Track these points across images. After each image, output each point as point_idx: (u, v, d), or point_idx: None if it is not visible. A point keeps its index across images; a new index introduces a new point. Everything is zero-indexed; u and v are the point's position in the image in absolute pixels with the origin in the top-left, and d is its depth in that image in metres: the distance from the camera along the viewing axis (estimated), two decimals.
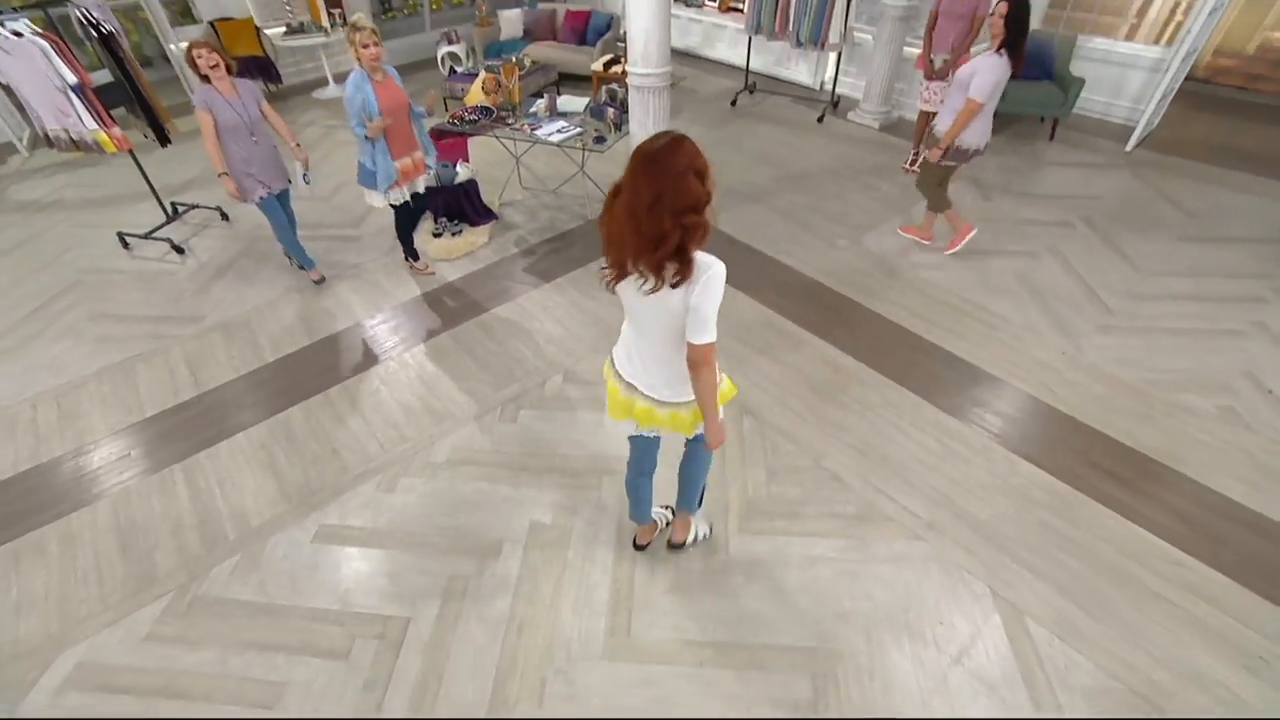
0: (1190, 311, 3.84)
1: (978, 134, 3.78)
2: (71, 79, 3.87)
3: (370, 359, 3.68)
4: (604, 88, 4.88)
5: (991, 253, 4.41)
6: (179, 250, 4.69)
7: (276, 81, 7.34)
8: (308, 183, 4.03)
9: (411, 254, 4.31)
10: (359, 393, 3.45)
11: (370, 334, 3.88)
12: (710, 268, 1.56)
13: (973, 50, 4.70)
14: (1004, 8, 3.46)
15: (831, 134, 6.17)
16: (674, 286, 1.55)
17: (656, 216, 1.46)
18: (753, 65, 7.01)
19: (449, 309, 4.05)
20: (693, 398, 1.81)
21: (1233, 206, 4.87)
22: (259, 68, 7.09)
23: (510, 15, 7.64)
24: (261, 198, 3.77)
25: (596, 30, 7.46)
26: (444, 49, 7.57)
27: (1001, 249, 4.45)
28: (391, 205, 3.88)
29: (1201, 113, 6.40)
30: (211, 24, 6.94)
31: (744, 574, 2.54)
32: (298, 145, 3.89)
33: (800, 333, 3.76)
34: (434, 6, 8.87)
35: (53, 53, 3.80)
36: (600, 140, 4.37)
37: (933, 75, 4.90)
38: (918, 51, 6.02)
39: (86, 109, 4.00)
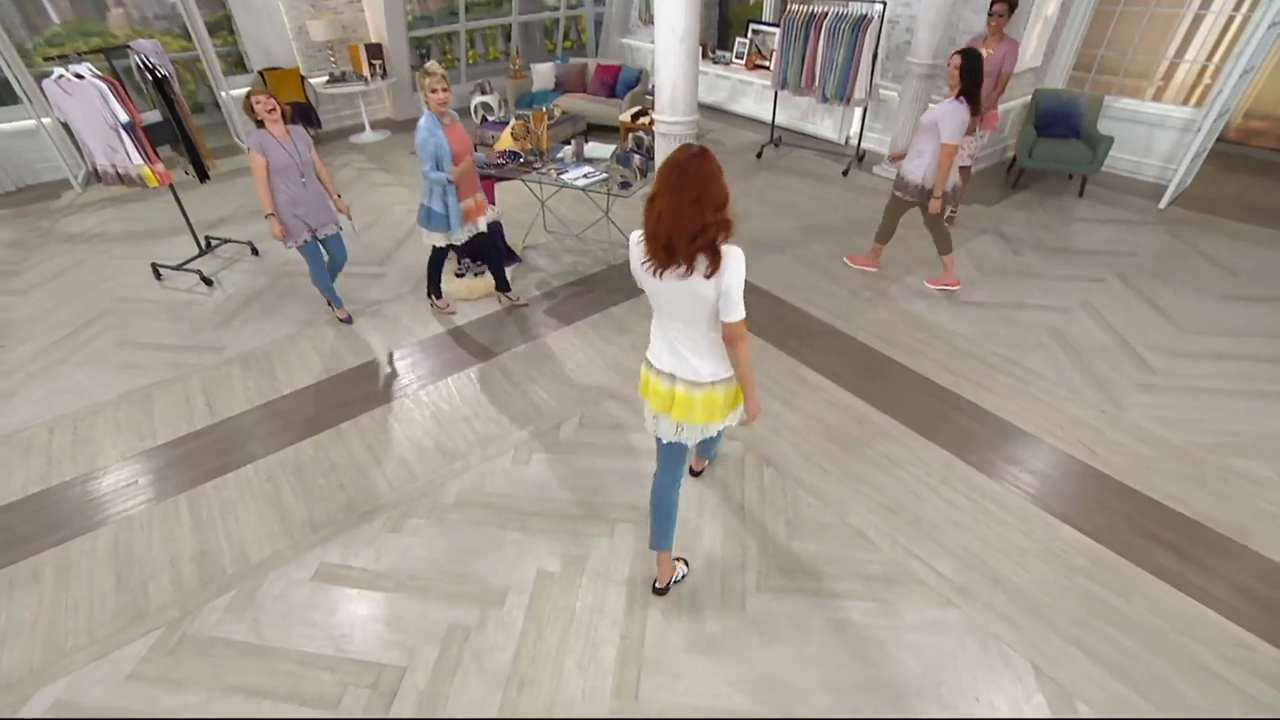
0: (1237, 371, 3.66)
1: (954, 173, 4.12)
2: (124, 117, 4.04)
3: (385, 395, 3.64)
4: (631, 135, 4.96)
5: (1023, 306, 4.30)
6: (208, 282, 4.78)
7: (316, 126, 7.64)
8: (355, 230, 4.11)
9: (436, 291, 4.33)
10: (371, 429, 3.40)
11: (387, 370, 3.85)
12: (734, 256, 1.79)
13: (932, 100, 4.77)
14: (958, 60, 3.74)
15: (857, 187, 6.18)
16: (706, 278, 1.78)
17: (698, 213, 1.71)
18: (778, 120, 7.13)
19: (468, 348, 4.02)
20: (726, 375, 2.05)
21: (1275, 266, 4.71)
22: (301, 113, 7.39)
23: (542, 69, 7.94)
24: (306, 241, 3.81)
25: (626, 84, 7.69)
26: (477, 99, 7.85)
27: (1032, 303, 4.33)
28: (452, 245, 3.96)
29: (1234, 173, 6.31)
30: (260, 73, 7.30)
31: (762, 634, 2.37)
32: (339, 196, 3.99)
33: (824, 383, 3.65)
34: (470, 60, 9.27)
35: (110, 94, 3.98)
36: (625, 185, 4.41)
37: None
38: None
39: (135, 146, 4.16)
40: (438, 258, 4.14)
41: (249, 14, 7.33)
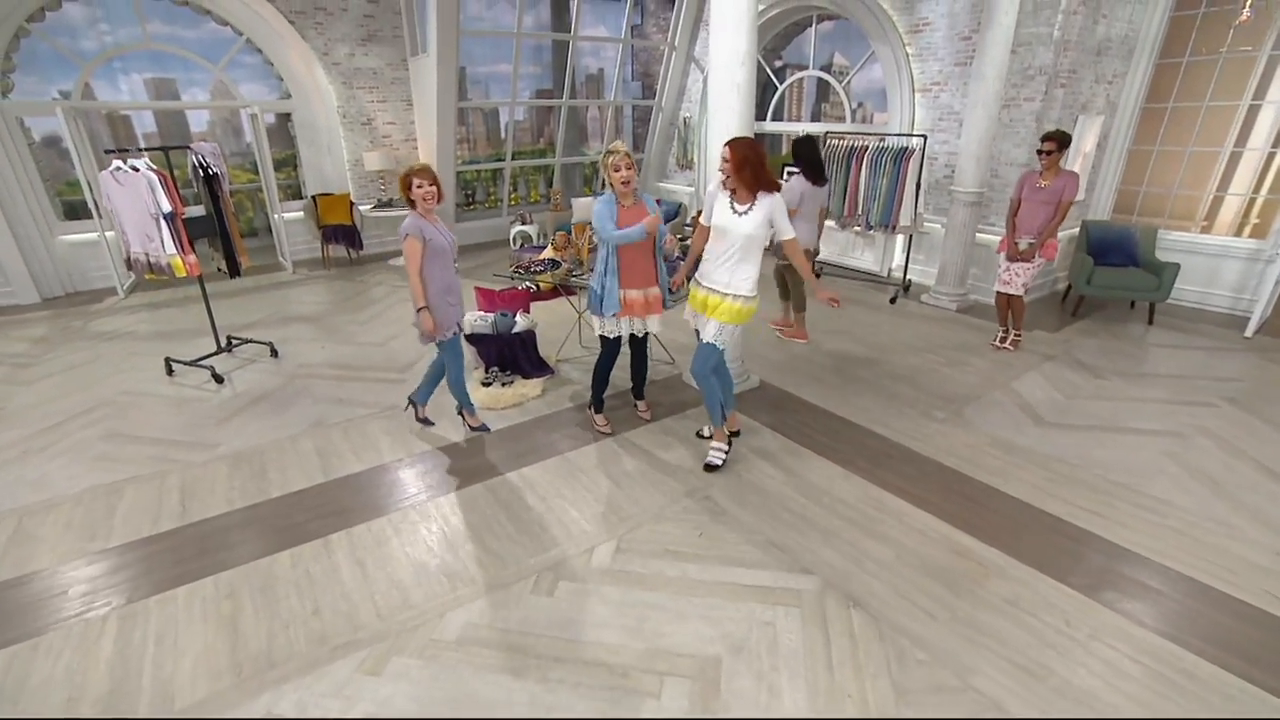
0: None
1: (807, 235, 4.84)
2: (166, 208, 4.00)
3: (387, 505, 3.11)
4: (673, 237, 4.82)
5: (1122, 430, 3.73)
6: (218, 379, 4.47)
7: (358, 248, 7.84)
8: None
9: (597, 404, 3.81)
10: (365, 542, 2.82)
11: (393, 477, 3.35)
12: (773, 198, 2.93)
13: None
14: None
15: (906, 314, 5.91)
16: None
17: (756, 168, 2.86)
18: (819, 254, 7.10)
19: (488, 459, 3.53)
20: (741, 291, 3.10)
21: None
22: (345, 235, 7.62)
23: (582, 202, 8.22)
24: (455, 333, 3.45)
25: (666, 216, 7.85)
26: (517, 228, 8.06)
27: (1132, 427, 3.77)
28: (602, 337, 3.55)
29: None
30: (313, 197, 7.64)
31: None
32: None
33: (909, 509, 3.04)
34: (512, 202, 9.74)
35: (158, 184, 3.97)
36: (673, 291, 4.14)
37: (1016, 257, 4.70)
38: (989, 236, 6.01)
39: (171, 235, 4.08)
40: (605, 359, 3.62)
41: (314, 149, 7.85)
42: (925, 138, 5.84)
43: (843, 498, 3.13)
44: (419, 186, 3.25)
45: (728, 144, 2.99)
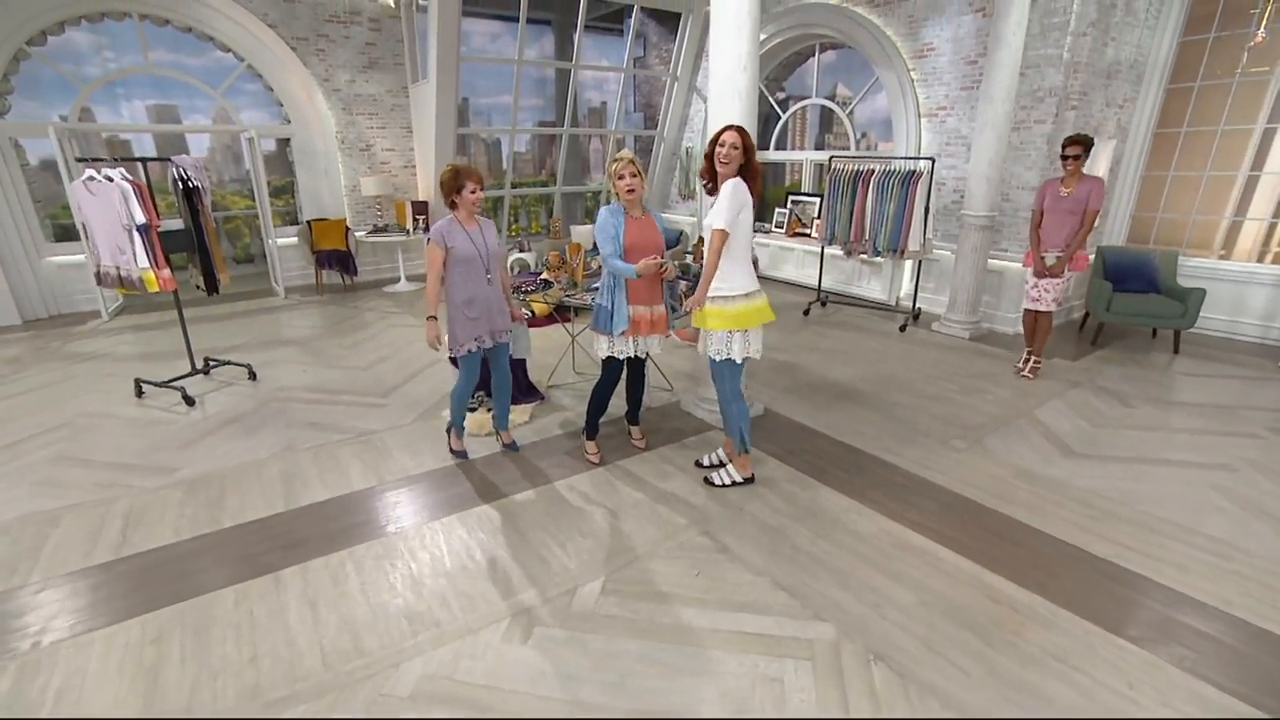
0: None
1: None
2: (140, 219, 3.81)
3: (350, 537, 2.80)
4: (675, 262, 4.60)
5: (1161, 462, 3.42)
6: (189, 401, 4.21)
7: (353, 274, 7.66)
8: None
9: (590, 430, 3.50)
10: (320, 579, 2.51)
11: (360, 507, 3.05)
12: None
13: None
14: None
15: (918, 342, 5.64)
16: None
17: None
18: (823, 282, 6.90)
19: (466, 488, 3.23)
20: (719, 290, 2.92)
21: None
22: (339, 260, 7.46)
23: (582, 229, 8.08)
24: (470, 351, 3.15)
25: (666, 243, 7.69)
26: (514, 255, 7.89)
27: (1172, 458, 3.45)
28: (609, 359, 3.24)
29: None
30: (308, 223, 7.51)
31: None
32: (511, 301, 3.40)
33: (933, 548, 2.71)
34: (513, 232, 9.63)
35: (132, 195, 3.79)
36: (672, 310, 3.89)
37: (1045, 272, 4.45)
38: (1001, 262, 5.79)
39: (144, 248, 3.88)
40: (606, 383, 3.33)
41: (311, 174, 7.77)
42: (934, 160, 5.67)
43: (858, 534, 2.80)
44: (473, 191, 3.00)
45: (735, 129, 2.79)
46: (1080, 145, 4.19)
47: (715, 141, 2.81)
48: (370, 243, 7.72)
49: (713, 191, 2.93)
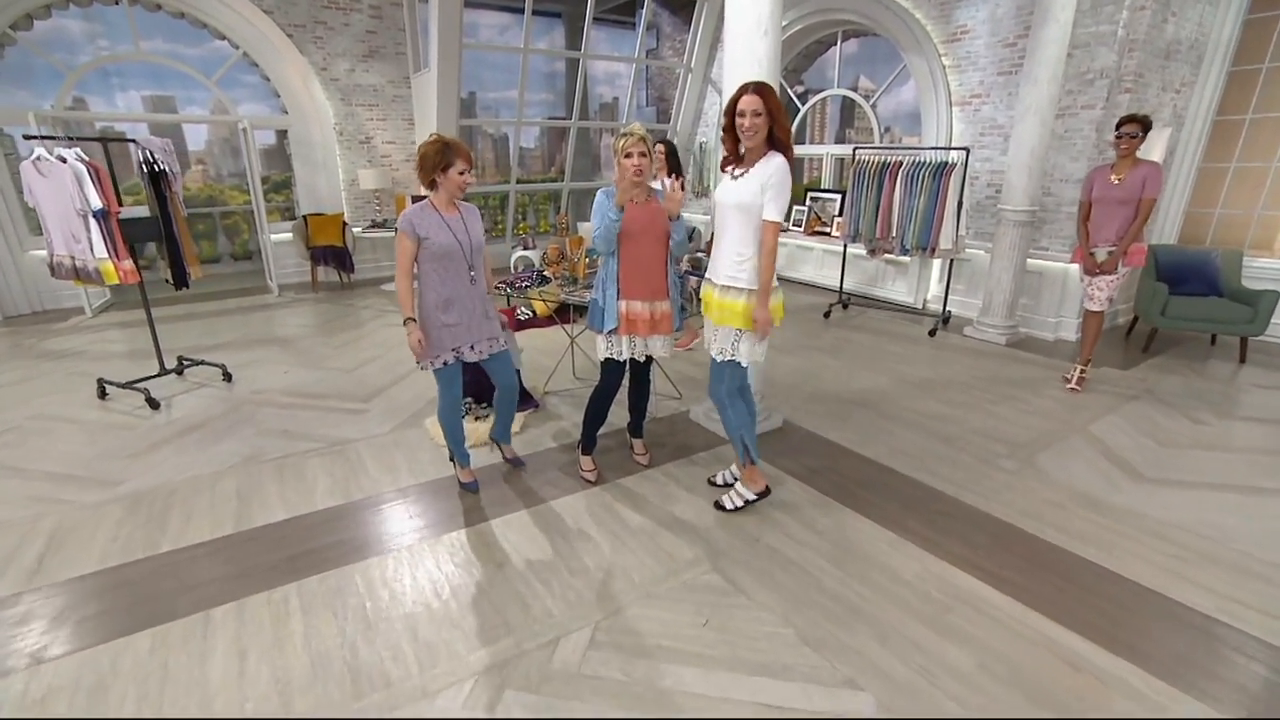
0: None
1: None
2: (96, 204, 3.47)
3: (301, 566, 2.41)
4: (686, 258, 4.20)
5: (1248, 490, 2.94)
6: (153, 404, 3.86)
7: (350, 271, 7.34)
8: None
9: (586, 444, 3.07)
10: (258, 621, 2.12)
11: (321, 530, 2.66)
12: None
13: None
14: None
15: (949, 347, 5.18)
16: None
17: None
18: (845, 283, 6.45)
19: (443, 510, 2.83)
20: (744, 282, 2.46)
21: None
22: (335, 257, 7.13)
23: (589, 226, 7.68)
24: (446, 363, 2.66)
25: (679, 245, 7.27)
26: (519, 253, 7.52)
27: (1265, 486, 2.97)
28: (607, 360, 2.83)
29: None
30: (304, 217, 7.19)
31: None
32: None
33: (985, 592, 2.27)
34: (520, 230, 9.26)
35: (86, 178, 3.46)
36: (681, 310, 3.48)
37: (1095, 269, 3.98)
38: (1041, 262, 5.31)
39: (103, 237, 3.53)
40: (602, 389, 2.90)
41: (309, 167, 7.45)
42: (968, 151, 5.21)
43: (896, 574, 2.36)
44: (461, 172, 2.49)
45: (754, 90, 2.31)
46: (1138, 124, 3.72)
47: (733, 110, 2.36)
48: (368, 238, 7.39)
49: (732, 163, 2.49)
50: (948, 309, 5.80)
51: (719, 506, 2.76)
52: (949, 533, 2.61)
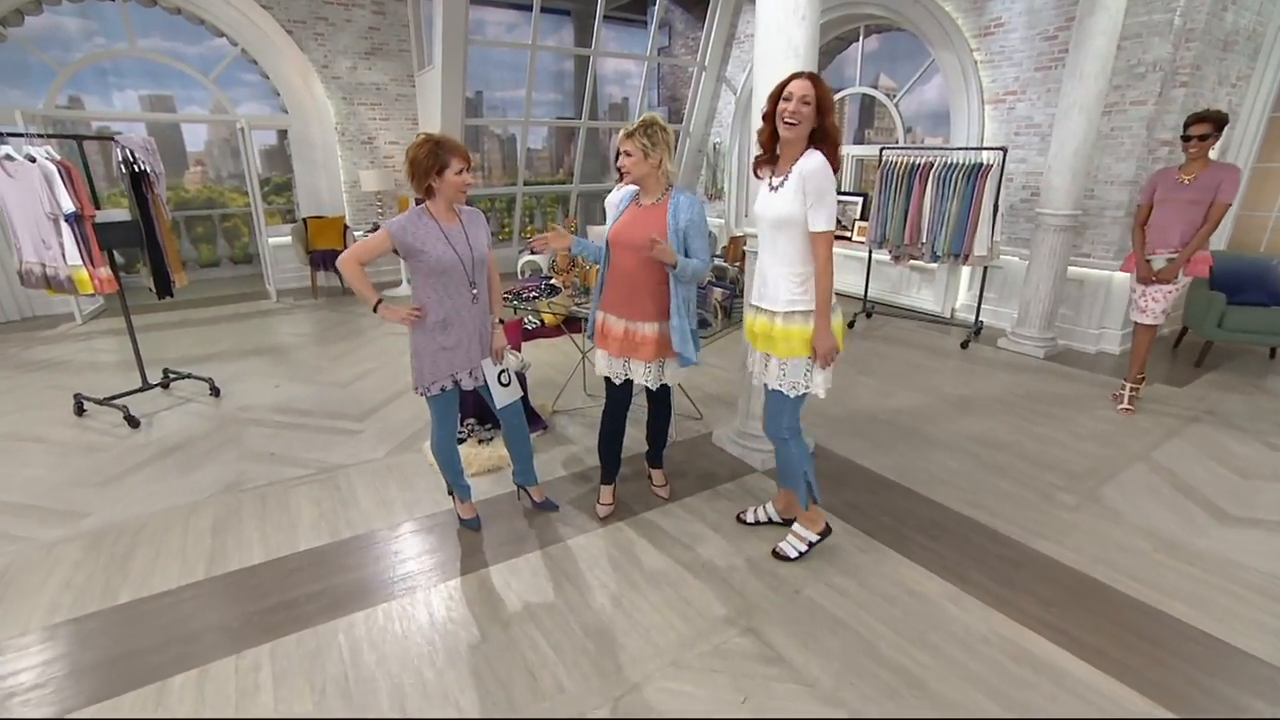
0: None
1: None
2: (69, 207, 3.19)
3: (277, 622, 2.11)
4: (710, 271, 3.88)
5: None
6: (132, 422, 3.59)
7: None
8: (504, 384, 2.49)
9: (607, 474, 2.75)
10: (222, 692, 1.82)
11: (301, 576, 2.36)
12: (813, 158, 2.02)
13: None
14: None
15: (983, 361, 4.84)
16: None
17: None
18: (869, 291, 6.12)
19: (441, 554, 2.53)
20: (797, 304, 2.12)
21: None
22: (336, 261, 6.85)
23: (599, 229, 7.38)
24: (443, 389, 2.36)
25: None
26: (525, 258, 7.22)
27: None
28: (605, 377, 2.55)
29: None
30: (304, 220, 6.93)
31: None
32: (500, 322, 2.49)
33: (1069, 662, 1.94)
34: (527, 234, 8.98)
35: (56, 178, 3.18)
36: (703, 325, 3.17)
37: (1151, 278, 3.65)
38: (1082, 270, 4.97)
39: (76, 243, 3.26)
40: (606, 413, 2.60)
41: (309, 168, 7.19)
42: (1005, 151, 4.88)
43: (960, 637, 2.04)
44: (459, 172, 2.16)
45: (807, 76, 2.00)
46: (1210, 123, 3.38)
47: (778, 95, 2.03)
48: None
49: (765, 162, 2.18)
50: (980, 319, 5.46)
51: (779, 555, 2.41)
52: (1015, 585, 2.29)
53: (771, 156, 2.15)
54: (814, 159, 2.01)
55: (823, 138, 2.02)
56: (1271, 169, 5.11)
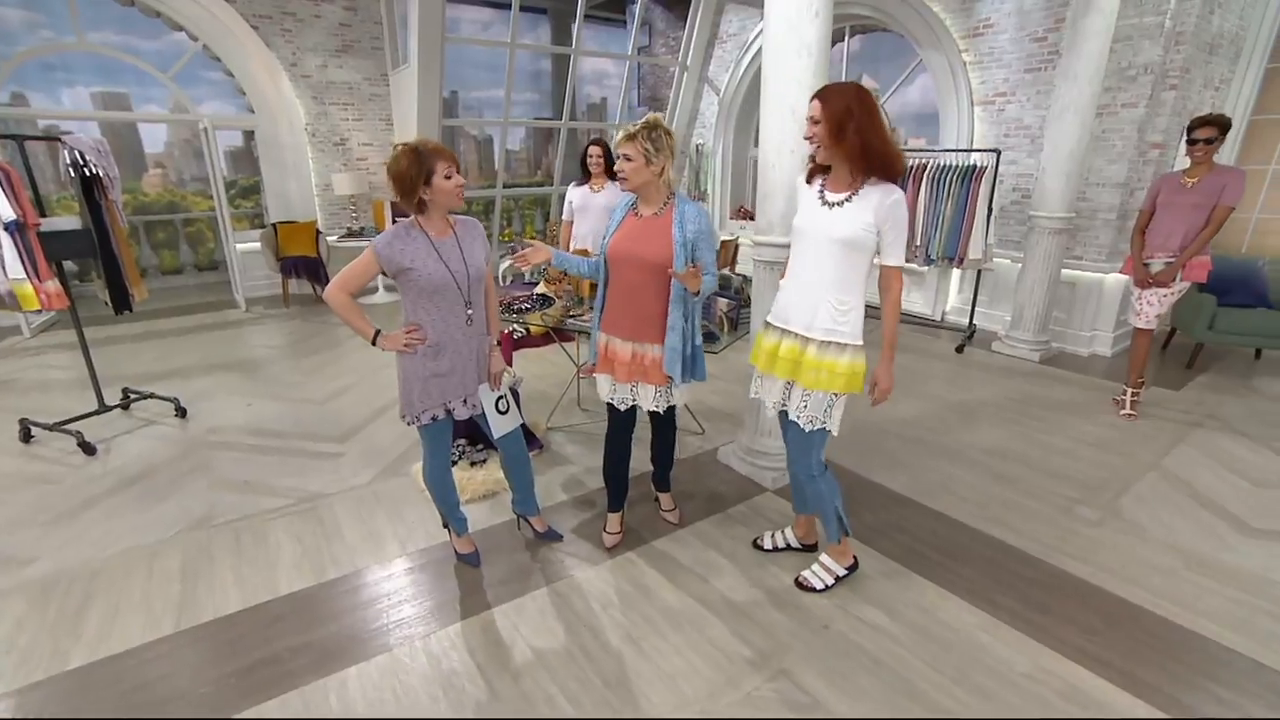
0: None
1: None
2: (9, 215, 2.90)
3: (255, 686, 1.88)
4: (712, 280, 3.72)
5: None
6: (87, 449, 3.29)
7: (323, 284, 6.74)
8: (502, 411, 2.29)
9: (613, 501, 2.57)
10: None
11: (283, 626, 2.13)
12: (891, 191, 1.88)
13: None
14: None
15: (978, 365, 4.79)
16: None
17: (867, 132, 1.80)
18: None
19: (439, 591, 2.33)
20: (846, 337, 1.99)
21: None
22: (307, 268, 6.54)
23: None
24: (435, 418, 2.14)
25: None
26: (506, 263, 7.00)
27: None
28: (607, 403, 2.36)
29: None
30: (274, 225, 6.59)
31: None
32: (496, 344, 2.29)
33: (1113, 695, 1.83)
34: (505, 237, 8.75)
35: None
36: (710, 338, 3.02)
37: (1148, 281, 3.61)
38: (1075, 272, 4.95)
39: (19, 254, 2.96)
40: (608, 438, 2.43)
41: (278, 170, 6.85)
42: (998, 153, 4.83)
43: (1002, 672, 1.92)
44: (448, 176, 1.93)
45: (817, 95, 1.85)
46: (1214, 127, 3.34)
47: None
48: (344, 248, 6.79)
49: (820, 174, 1.99)
50: (973, 323, 5.41)
51: (803, 586, 2.27)
52: (1051, 611, 2.18)
53: (823, 167, 1.98)
54: (895, 194, 1.84)
55: (878, 162, 1.81)
56: (1253, 170, 5.16)
